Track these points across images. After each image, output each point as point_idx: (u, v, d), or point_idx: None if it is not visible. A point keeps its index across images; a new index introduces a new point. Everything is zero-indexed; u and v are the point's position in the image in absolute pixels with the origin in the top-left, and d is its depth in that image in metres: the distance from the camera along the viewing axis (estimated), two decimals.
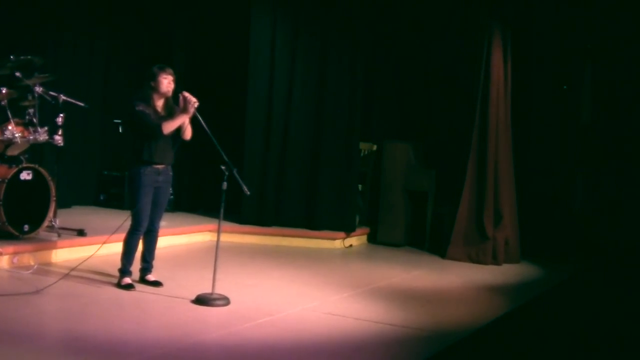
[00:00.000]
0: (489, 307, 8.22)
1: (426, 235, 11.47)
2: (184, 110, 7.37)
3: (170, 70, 7.56)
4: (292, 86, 11.35)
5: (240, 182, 7.29)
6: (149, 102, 7.45)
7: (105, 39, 12.15)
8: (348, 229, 11.29)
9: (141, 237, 7.64)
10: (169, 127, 7.36)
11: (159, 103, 7.53)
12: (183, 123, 7.44)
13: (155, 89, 7.48)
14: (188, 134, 7.58)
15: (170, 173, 7.72)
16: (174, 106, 7.56)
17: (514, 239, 10.87)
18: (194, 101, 7.35)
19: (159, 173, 7.53)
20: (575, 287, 9.97)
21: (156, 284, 7.71)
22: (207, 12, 12.60)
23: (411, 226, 11.77)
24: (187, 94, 7.39)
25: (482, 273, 9.97)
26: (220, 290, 7.30)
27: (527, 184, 11.45)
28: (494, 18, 10.70)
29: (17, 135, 8.68)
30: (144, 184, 7.42)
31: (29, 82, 8.96)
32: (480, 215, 10.70)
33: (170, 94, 7.54)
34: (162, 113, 7.50)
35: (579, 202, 11.72)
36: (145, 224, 7.56)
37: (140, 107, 7.37)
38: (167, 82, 7.49)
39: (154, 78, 7.47)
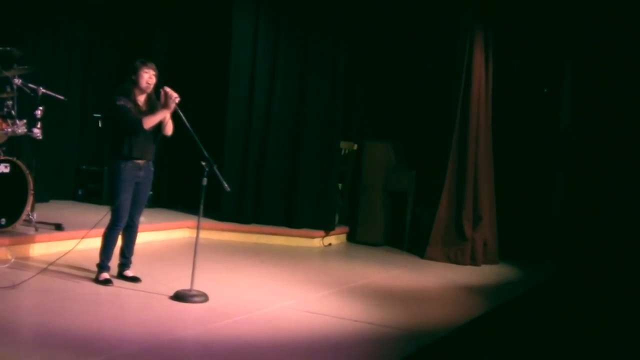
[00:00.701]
0: (467, 307, 8.24)
1: (405, 235, 11.48)
2: (165, 105, 7.33)
3: (153, 65, 7.52)
4: (273, 83, 11.33)
5: (221, 178, 7.27)
6: (130, 97, 7.41)
7: (85, 33, 12.10)
8: (327, 228, 11.28)
9: (120, 232, 7.59)
10: (149, 122, 7.32)
11: (141, 98, 7.49)
12: (164, 118, 7.40)
13: (136, 83, 7.44)
14: (169, 129, 7.55)
15: (152, 169, 7.69)
16: (155, 101, 7.52)
17: (492, 240, 10.90)
18: (175, 96, 7.32)
19: (140, 168, 7.49)
20: (554, 288, 10.01)
21: (134, 279, 7.67)
22: (188, 7, 12.56)
23: (390, 226, 11.78)
24: (168, 89, 7.36)
25: (461, 273, 9.99)
26: (198, 286, 7.28)
27: (506, 186, 11.48)
28: (476, 21, 10.72)
29: None
30: (123, 179, 7.38)
31: (7, 73, 8.90)
32: (459, 216, 10.72)
33: (151, 88, 7.50)
34: (144, 108, 7.46)
35: (558, 205, 11.74)
36: (124, 220, 7.52)
37: (121, 102, 7.33)
38: (147, 77, 7.44)
39: (136, 72, 7.43)
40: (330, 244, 11.31)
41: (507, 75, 11.53)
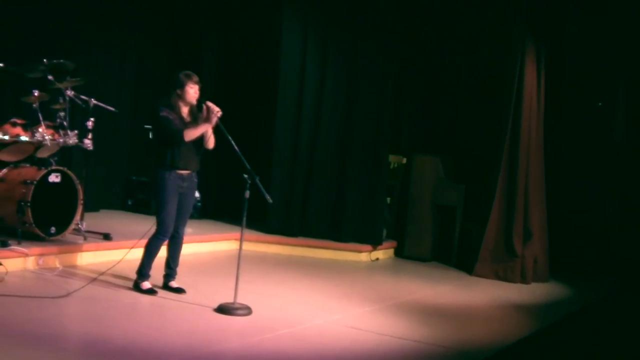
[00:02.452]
0: (515, 326, 8.12)
1: (453, 251, 11.37)
2: (207, 119, 7.38)
3: (197, 79, 7.55)
4: (321, 96, 11.32)
5: (263, 190, 7.26)
6: (174, 109, 7.45)
7: (136, 45, 12.22)
8: (375, 242, 11.22)
9: (165, 242, 7.62)
10: (190, 135, 7.36)
11: (185, 110, 7.52)
12: (206, 132, 7.44)
13: (181, 96, 7.47)
14: (211, 143, 7.59)
15: (195, 180, 7.71)
16: (198, 113, 7.56)
17: (543, 257, 10.76)
18: (216, 111, 7.35)
19: (183, 179, 7.52)
20: (605, 307, 9.84)
21: (179, 290, 7.68)
22: (238, 19, 12.64)
23: (439, 241, 11.68)
24: (210, 104, 7.40)
25: (509, 291, 9.87)
26: (242, 299, 7.26)
27: (558, 201, 11.31)
28: (528, 32, 10.61)
29: (47, 137, 8.72)
30: (168, 189, 7.41)
31: (60, 85, 9.01)
32: (509, 232, 10.59)
33: (195, 102, 7.53)
34: (188, 119, 7.50)
35: (611, 221, 11.56)
36: (170, 230, 7.54)
37: (164, 113, 7.37)
38: (193, 92, 7.49)
39: (181, 86, 7.47)
40: (377, 259, 11.24)
41: (558, 88, 11.41)
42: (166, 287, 7.72)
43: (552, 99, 11.12)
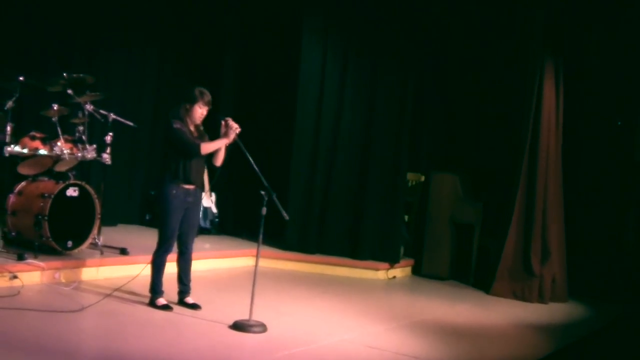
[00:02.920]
0: (532, 346, 8.05)
1: (471, 269, 11.31)
2: (225, 135, 7.38)
3: (209, 99, 7.53)
4: (340, 112, 11.32)
5: (280, 207, 7.25)
6: (184, 123, 7.46)
7: (156, 60, 12.27)
8: (392, 260, 11.18)
9: (167, 257, 7.60)
10: (207, 148, 7.39)
11: (191, 126, 7.52)
12: (219, 148, 7.44)
13: (189, 112, 7.47)
14: (220, 159, 7.61)
15: (199, 195, 7.71)
16: (203, 131, 7.60)
17: (561, 276, 10.69)
18: (235, 127, 7.36)
19: (189, 194, 7.52)
20: (624, 328, 9.76)
21: (194, 306, 7.67)
22: (258, 34, 12.67)
23: (456, 259, 11.62)
24: (230, 120, 7.41)
25: (527, 311, 9.80)
26: (258, 316, 7.24)
27: (576, 220, 11.21)
28: (546, 49, 10.57)
29: (66, 151, 8.76)
30: (174, 204, 7.42)
31: (80, 99, 9.05)
32: (527, 251, 10.52)
33: (199, 122, 7.57)
34: (195, 134, 7.52)
35: (631, 240, 11.47)
36: (173, 245, 7.54)
37: (177, 125, 7.38)
38: (201, 112, 7.51)
39: (192, 102, 7.46)
40: (394, 277, 11.20)
41: (577, 105, 11.34)
42: (182, 302, 7.71)
43: (571, 116, 11.05)
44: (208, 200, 11.82)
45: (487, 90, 12.03)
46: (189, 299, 7.74)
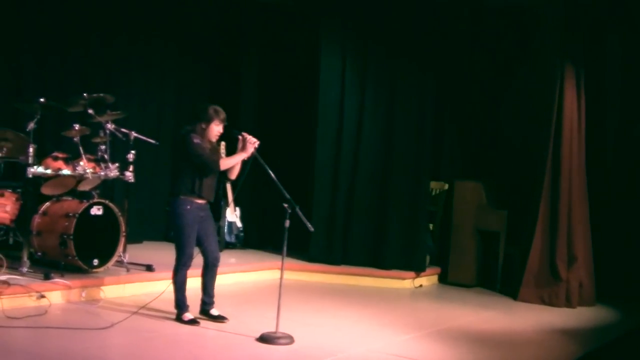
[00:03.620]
0: (560, 351, 8.01)
1: (497, 276, 11.25)
2: (243, 149, 7.43)
3: (224, 117, 7.58)
4: (361, 124, 11.32)
5: (304, 219, 7.26)
6: (203, 138, 7.51)
7: (174, 77, 12.33)
8: (418, 269, 11.15)
9: (187, 272, 7.63)
10: (226, 164, 7.46)
11: (207, 144, 7.56)
12: (237, 162, 7.51)
13: (205, 130, 7.52)
14: (235, 173, 7.68)
15: (209, 209, 7.75)
16: (217, 146, 7.67)
17: (588, 280, 10.61)
18: (254, 141, 7.40)
19: (202, 209, 7.59)
20: None
21: (220, 318, 7.69)
22: (277, 50, 12.72)
23: (482, 266, 11.56)
24: (247, 135, 7.44)
25: (555, 316, 9.74)
26: (284, 328, 7.25)
27: (602, 224, 11.14)
28: (566, 55, 10.52)
29: (88, 171, 8.82)
30: (189, 219, 7.46)
31: (101, 119, 9.12)
32: (553, 256, 10.47)
33: (214, 140, 7.63)
34: (210, 149, 7.57)
35: None
36: (192, 259, 7.55)
37: (198, 140, 7.43)
38: (217, 130, 7.57)
39: (208, 121, 7.51)
40: (421, 285, 11.17)
41: (600, 110, 11.28)
42: (206, 314, 7.72)
43: (594, 121, 10.99)
44: (233, 215, 11.85)
45: (509, 97, 11.99)
46: (214, 311, 7.76)
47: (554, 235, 10.51)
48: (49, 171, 8.71)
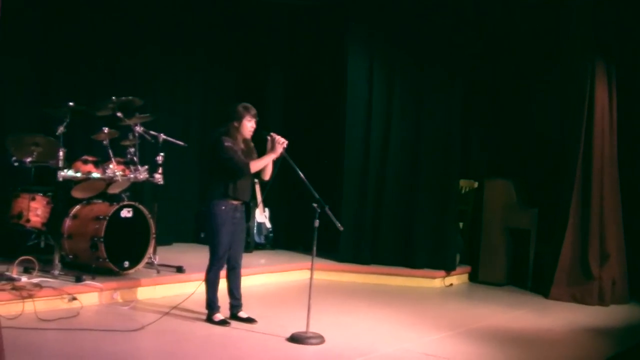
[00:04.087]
0: (592, 350, 7.92)
1: (528, 275, 11.18)
2: (272, 149, 7.43)
3: (254, 112, 7.61)
4: (389, 121, 11.30)
5: (333, 218, 7.26)
6: (235, 140, 7.52)
7: (202, 79, 12.37)
8: (448, 268, 11.12)
9: (221, 272, 7.65)
10: (256, 166, 7.46)
11: (240, 141, 7.58)
12: (267, 163, 7.51)
13: (238, 129, 7.54)
14: (268, 174, 7.68)
15: (244, 210, 7.77)
16: (251, 143, 7.67)
17: (621, 278, 10.52)
18: (282, 141, 7.40)
19: (237, 210, 7.59)
20: None
21: (250, 320, 7.71)
22: (303, 51, 12.73)
23: (513, 265, 11.49)
24: (275, 135, 7.45)
25: (587, 314, 9.66)
26: (315, 328, 7.25)
27: (635, 221, 11.03)
28: (597, 51, 10.43)
29: (118, 173, 8.86)
30: (223, 220, 7.47)
31: (129, 122, 9.16)
32: (585, 254, 10.38)
33: (249, 136, 7.64)
34: (245, 149, 7.59)
35: None
36: (225, 259, 7.59)
37: (229, 143, 7.44)
38: (250, 125, 7.58)
39: (239, 119, 7.54)
40: (451, 284, 11.13)
41: (633, 106, 11.16)
42: (235, 317, 7.75)
43: (626, 117, 10.89)
44: (262, 216, 11.87)
45: (539, 94, 11.89)
46: (242, 314, 7.78)
47: (585, 232, 10.43)
48: (79, 174, 8.76)
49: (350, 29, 11.68)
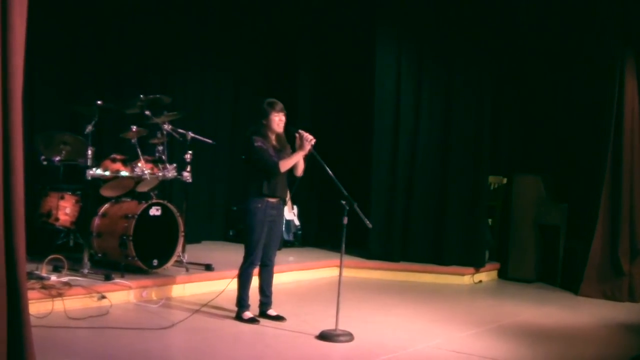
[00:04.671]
0: (622, 346, 7.84)
1: (558, 271, 11.11)
2: (301, 147, 7.42)
3: (281, 107, 7.59)
4: (418, 118, 11.25)
5: (362, 215, 7.24)
6: (265, 138, 7.51)
7: (231, 77, 12.35)
8: (477, 264, 11.07)
9: (255, 270, 7.67)
10: (285, 165, 7.45)
11: (272, 137, 7.59)
12: (298, 160, 7.49)
13: (267, 126, 7.54)
14: (300, 170, 7.66)
15: (282, 206, 7.76)
16: (284, 140, 7.66)
17: None
18: (310, 139, 7.39)
19: (273, 207, 7.58)
20: None
21: (279, 318, 7.71)
22: (332, 47, 12.70)
23: (542, 261, 11.42)
24: (303, 132, 7.44)
25: (617, 311, 9.58)
26: (344, 326, 7.25)
27: None
28: (627, 46, 10.34)
29: (146, 172, 8.87)
30: (259, 218, 7.48)
31: (158, 120, 9.16)
32: (615, 250, 10.31)
33: (281, 130, 7.60)
34: (277, 146, 7.58)
35: None
36: (259, 258, 7.59)
37: (259, 143, 7.44)
38: (278, 119, 7.56)
39: (266, 116, 7.54)
40: (480, 281, 11.08)
41: None
42: (265, 315, 7.75)
43: None
44: (290, 213, 11.86)
45: (568, 89, 11.79)
46: (272, 311, 7.79)
47: (615, 228, 10.35)
48: (107, 173, 8.79)
49: (378, 23, 11.63)
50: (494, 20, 11.22)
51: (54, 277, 7.92)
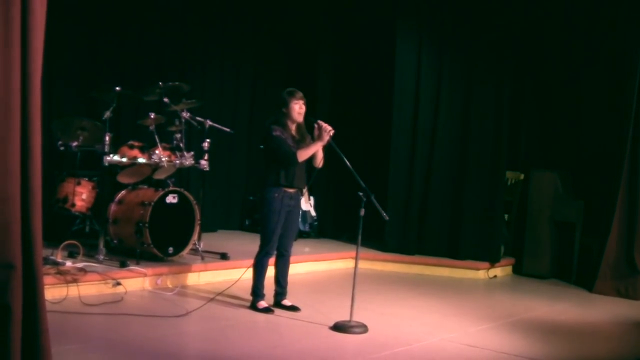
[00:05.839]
0: (636, 345, 7.80)
1: (573, 268, 11.07)
2: (319, 138, 7.40)
3: (300, 95, 7.58)
4: (437, 112, 11.22)
5: (379, 207, 7.23)
6: (285, 128, 7.51)
7: (250, 66, 12.35)
8: (492, 259, 11.03)
9: (270, 260, 7.67)
10: (303, 155, 7.42)
11: (292, 127, 7.59)
12: (316, 151, 7.47)
13: (287, 114, 7.53)
14: (319, 161, 7.63)
15: (300, 197, 7.76)
16: (304, 130, 7.65)
17: None
18: (329, 129, 7.37)
19: (291, 197, 7.58)
20: None
21: (293, 308, 7.72)
22: (351, 36, 12.66)
23: (558, 258, 11.38)
24: (322, 123, 7.42)
25: (631, 309, 9.52)
26: (358, 317, 7.25)
27: None
28: None
29: (164, 159, 8.90)
30: (276, 208, 7.48)
31: (176, 107, 9.17)
32: (631, 248, 10.26)
33: (302, 118, 7.59)
34: (297, 137, 7.56)
35: None
36: (275, 247, 7.60)
37: (277, 132, 7.43)
38: (298, 107, 7.54)
39: (286, 105, 7.53)
40: (495, 276, 11.05)
41: None
42: (279, 305, 7.76)
43: None
44: (307, 204, 11.85)
45: (587, 85, 11.73)
46: (286, 302, 7.80)
47: (632, 226, 10.30)
48: (124, 160, 8.82)
49: (399, 14, 11.61)
50: (515, 15, 11.16)
51: (69, 263, 7.96)
